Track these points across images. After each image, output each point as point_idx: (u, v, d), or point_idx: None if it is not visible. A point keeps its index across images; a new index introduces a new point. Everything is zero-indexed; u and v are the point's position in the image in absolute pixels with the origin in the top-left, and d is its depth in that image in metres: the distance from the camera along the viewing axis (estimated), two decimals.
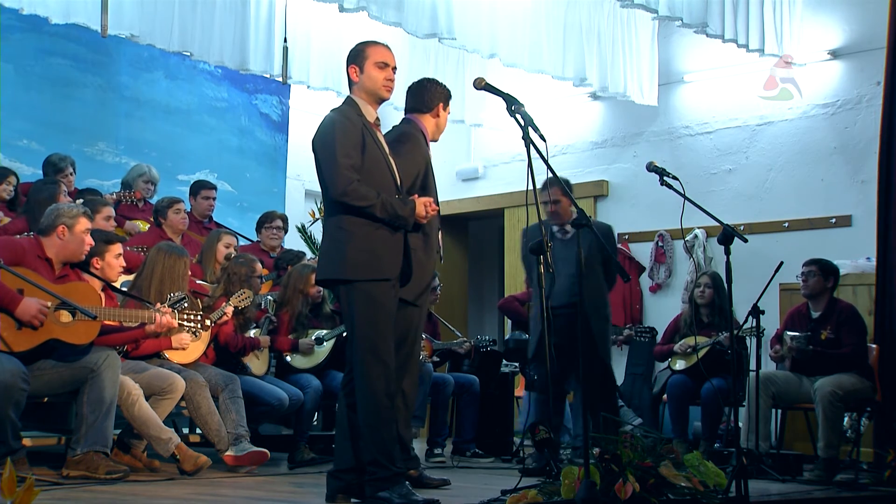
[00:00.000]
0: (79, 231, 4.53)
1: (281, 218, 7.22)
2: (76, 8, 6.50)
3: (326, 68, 7.66)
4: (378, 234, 3.85)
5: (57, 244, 4.50)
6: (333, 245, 3.88)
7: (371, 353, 3.78)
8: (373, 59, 4.02)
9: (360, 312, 3.80)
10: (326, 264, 3.93)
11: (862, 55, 7.33)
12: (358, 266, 3.81)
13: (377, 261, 3.83)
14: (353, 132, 3.90)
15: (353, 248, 3.81)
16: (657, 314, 8.06)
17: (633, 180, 8.47)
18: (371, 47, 4.06)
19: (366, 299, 3.80)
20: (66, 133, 7.59)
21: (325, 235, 4.01)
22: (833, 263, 6.09)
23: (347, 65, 4.08)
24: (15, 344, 4.19)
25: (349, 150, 3.85)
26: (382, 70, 4.03)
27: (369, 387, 3.76)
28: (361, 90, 4.05)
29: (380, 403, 3.77)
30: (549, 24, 7.22)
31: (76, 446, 4.34)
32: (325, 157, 3.87)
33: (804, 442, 6.48)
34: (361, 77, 4.03)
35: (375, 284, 3.82)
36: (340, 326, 6.00)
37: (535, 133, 3.89)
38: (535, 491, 3.64)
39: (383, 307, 3.83)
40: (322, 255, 4.00)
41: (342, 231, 3.84)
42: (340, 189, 3.79)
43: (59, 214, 4.52)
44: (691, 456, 3.78)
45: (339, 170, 3.80)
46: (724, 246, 4.25)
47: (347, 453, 3.88)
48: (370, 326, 3.79)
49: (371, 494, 3.76)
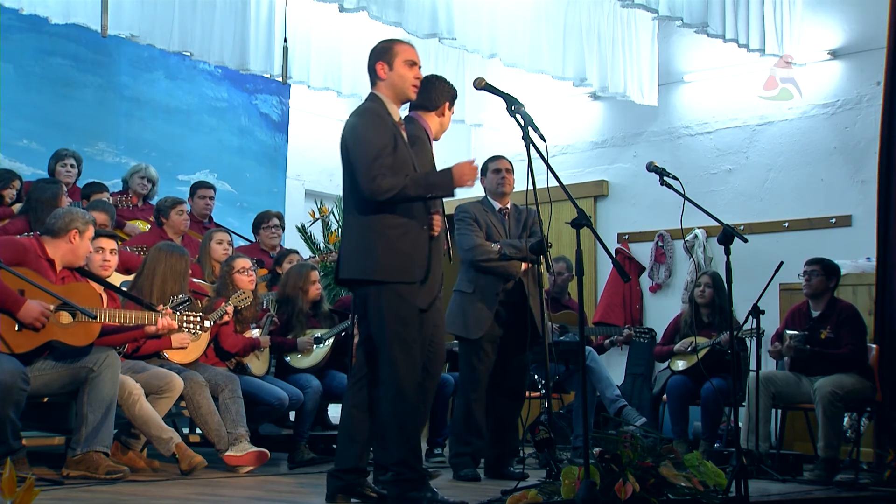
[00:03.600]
0: (87, 237, 4.56)
1: (277, 216, 7.23)
2: (76, 8, 6.50)
3: (326, 68, 7.66)
4: (408, 238, 3.82)
5: (65, 248, 4.50)
6: (362, 245, 3.83)
7: (403, 351, 3.76)
8: (402, 57, 3.96)
9: (390, 311, 3.77)
10: (354, 264, 3.85)
11: (862, 55, 7.32)
12: (389, 268, 3.77)
13: (407, 264, 3.81)
14: (385, 131, 3.85)
15: (384, 250, 3.77)
16: (657, 314, 8.05)
17: (633, 180, 8.47)
18: (400, 45, 4.01)
19: (396, 298, 3.77)
20: (66, 133, 7.58)
21: (349, 233, 3.92)
22: (835, 263, 6.09)
23: (374, 61, 4.00)
24: (15, 345, 4.19)
25: (382, 148, 3.79)
26: (411, 69, 3.97)
27: (400, 386, 3.74)
28: (389, 88, 3.97)
29: (410, 403, 3.76)
30: (549, 24, 7.22)
31: (76, 446, 4.34)
32: (358, 155, 3.80)
33: (804, 442, 6.48)
34: (390, 74, 3.96)
35: (405, 286, 3.80)
36: (339, 326, 5.99)
37: (535, 133, 3.90)
38: (535, 491, 3.64)
39: (413, 306, 3.82)
40: (347, 253, 3.90)
41: (372, 232, 3.80)
42: (374, 187, 3.73)
43: (74, 219, 4.51)
44: (691, 456, 3.79)
45: (372, 169, 3.74)
46: (724, 246, 4.26)
47: (350, 453, 3.86)
48: (401, 324, 3.77)
49: (399, 495, 3.73)
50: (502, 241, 5.12)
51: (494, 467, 5.09)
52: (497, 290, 5.07)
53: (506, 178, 5.26)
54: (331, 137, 9.50)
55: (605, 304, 8.26)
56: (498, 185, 5.28)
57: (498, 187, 5.29)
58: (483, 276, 5.09)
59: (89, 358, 4.38)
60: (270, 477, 5.03)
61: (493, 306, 5.06)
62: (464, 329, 5.08)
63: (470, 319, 5.05)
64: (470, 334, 5.05)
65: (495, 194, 5.33)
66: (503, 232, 5.22)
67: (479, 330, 5.03)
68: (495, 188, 5.31)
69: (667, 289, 8.28)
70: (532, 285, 5.08)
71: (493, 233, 5.17)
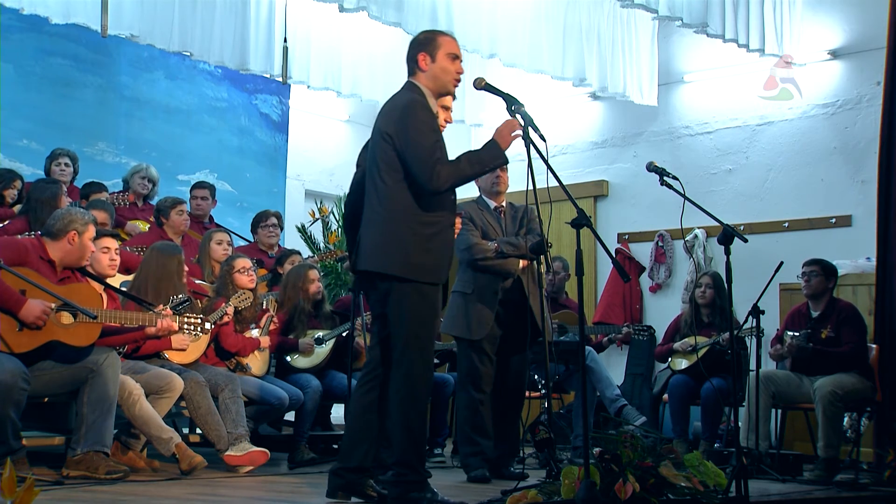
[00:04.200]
0: (87, 238, 4.54)
1: (275, 216, 7.23)
2: (76, 8, 6.50)
3: (326, 68, 7.66)
4: (439, 238, 3.80)
5: (65, 249, 4.50)
6: (391, 238, 3.76)
7: (420, 354, 3.73)
8: (445, 50, 3.92)
9: (413, 311, 3.73)
10: (381, 257, 3.77)
11: (862, 55, 7.33)
12: (419, 267, 3.73)
13: (437, 263, 3.79)
14: (434, 123, 3.82)
15: (416, 248, 3.73)
16: (657, 314, 8.06)
17: (633, 180, 8.47)
18: (442, 37, 3.96)
19: (422, 300, 3.75)
20: (66, 133, 7.58)
21: (375, 224, 3.82)
22: (833, 263, 6.10)
23: (415, 51, 3.93)
24: (16, 345, 4.19)
25: (436, 142, 3.77)
26: (453, 62, 3.93)
27: (413, 388, 3.72)
28: (430, 80, 3.91)
29: (421, 406, 3.75)
30: (549, 24, 7.23)
31: (76, 446, 4.34)
32: (415, 152, 3.72)
33: (804, 442, 6.48)
34: (432, 66, 3.90)
35: (431, 287, 3.78)
36: (341, 327, 6.00)
37: (535, 133, 3.89)
38: (535, 491, 3.64)
39: (435, 308, 3.81)
40: (372, 245, 3.80)
41: (403, 226, 3.75)
42: (438, 182, 3.70)
43: (72, 220, 4.51)
44: (691, 456, 3.79)
45: (432, 163, 3.70)
46: (724, 246, 4.26)
47: (355, 452, 3.84)
48: (423, 327, 3.75)
49: (400, 495, 3.72)
50: (499, 238, 5.11)
51: (495, 467, 5.09)
52: (496, 288, 5.06)
53: (500, 176, 5.25)
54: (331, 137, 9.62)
55: (605, 304, 8.26)
56: (493, 184, 5.28)
57: (493, 186, 5.29)
58: (482, 276, 5.08)
59: (90, 358, 4.38)
60: (270, 477, 5.03)
61: (493, 306, 5.05)
62: (466, 330, 5.06)
63: (472, 320, 5.04)
64: (472, 335, 5.04)
65: (490, 193, 5.32)
66: (499, 230, 5.21)
67: (482, 330, 5.03)
68: (490, 187, 5.30)
69: (667, 289, 8.28)
70: (532, 283, 5.07)
71: (489, 232, 5.16)
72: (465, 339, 5.09)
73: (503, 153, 3.86)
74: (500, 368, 5.14)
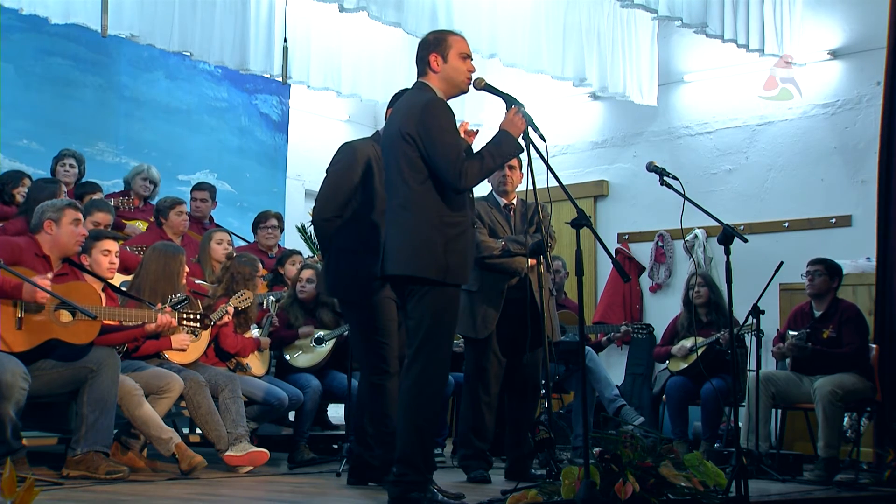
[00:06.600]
0: (66, 223, 4.54)
1: (275, 217, 7.22)
2: (76, 8, 6.50)
3: (326, 68, 7.66)
4: (464, 237, 3.79)
5: (48, 240, 4.53)
6: (422, 243, 3.73)
7: (437, 354, 3.73)
8: (456, 50, 3.91)
9: (439, 316, 3.72)
10: (412, 260, 3.74)
11: (862, 55, 7.33)
12: (451, 270, 3.72)
13: (464, 264, 3.78)
14: (453, 117, 3.82)
15: (449, 251, 3.71)
16: (657, 314, 8.05)
17: (633, 180, 8.47)
18: (453, 37, 3.96)
19: (448, 305, 3.75)
20: (66, 133, 7.58)
21: (403, 227, 3.78)
22: (837, 263, 6.10)
23: (426, 52, 3.92)
24: (15, 344, 4.19)
25: (459, 141, 3.79)
26: (465, 62, 3.93)
27: (427, 389, 3.72)
28: (442, 80, 3.90)
29: (434, 407, 3.75)
30: (549, 24, 7.23)
31: (76, 446, 4.34)
32: (440, 153, 3.72)
33: (804, 442, 6.49)
34: (444, 67, 3.89)
35: (454, 289, 3.78)
36: (342, 327, 5.99)
37: (535, 133, 3.89)
38: (535, 491, 3.64)
39: (457, 311, 3.82)
40: (399, 248, 3.78)
41: (432, 228, 3.73)
42: (465, 180, 3.71)
43: (44, 211, 4.56)
44: (691, 456, 3.79)
45: (458, 163, 3.71)
46: (724, 246, 4.26)
47: None
48: (443, 327, 3.75)
49: (400, 495, 3.71)
50: (506, 237, 5.10)
51: (515, 469, 5.06)
52: (502, 287, 5.03)
53: (508, 175, 5.23)
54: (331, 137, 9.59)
55: (605, 304, 8.26)
56: (500, 182, 5.26)
57: (500, 185, 5.26)
58: (488, 274, 5.05)
59: (89, 358, 4.38)
60: (270, 477, 5.03)
61: (498, 304, 5.02)
62: (472, 329, 5.01)
63: (477, 319, 4.99)
64: (478, 334, 5.00)
65: (499, 191, 5.30)
66: (508, 229, 5.18)
67: (487, 329, 4.99)
68: (498, 185, 5.28)
69: (667, 289, 8.28)
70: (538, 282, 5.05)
71: (497, 230, 5.13)
72: (470, 338, 5.06)
73: (518, 143, 3.87)
74: (511, 368, 5.11)
